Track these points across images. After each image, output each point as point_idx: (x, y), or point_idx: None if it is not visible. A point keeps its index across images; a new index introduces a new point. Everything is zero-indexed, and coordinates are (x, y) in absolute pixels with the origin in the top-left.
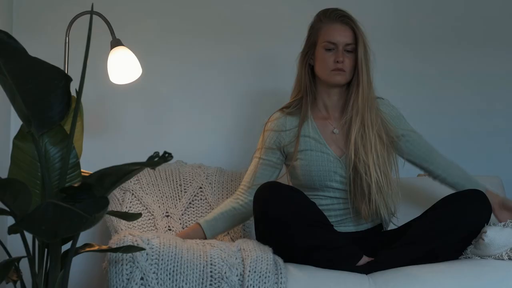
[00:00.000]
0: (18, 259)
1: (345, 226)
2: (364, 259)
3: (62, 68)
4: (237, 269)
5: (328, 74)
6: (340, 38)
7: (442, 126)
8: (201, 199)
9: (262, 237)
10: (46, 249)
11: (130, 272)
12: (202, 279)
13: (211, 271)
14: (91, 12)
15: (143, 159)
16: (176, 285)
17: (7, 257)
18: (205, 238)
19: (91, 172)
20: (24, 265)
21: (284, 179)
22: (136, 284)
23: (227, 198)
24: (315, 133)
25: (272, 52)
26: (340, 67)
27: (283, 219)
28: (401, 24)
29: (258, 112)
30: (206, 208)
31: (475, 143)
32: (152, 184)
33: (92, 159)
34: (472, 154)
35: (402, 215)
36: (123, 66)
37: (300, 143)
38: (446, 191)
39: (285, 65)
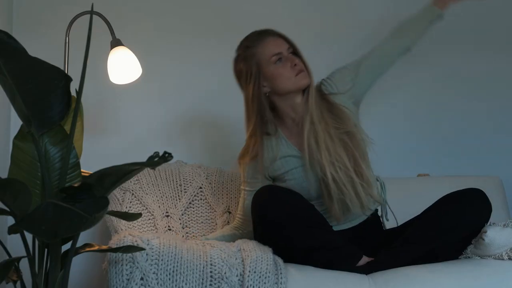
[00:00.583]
0: (18, 259)
1: (338, 225)
2: (364, 259)
3: (62, 68)
4: (237, 269)
5: (293, 81)
6: (280, 47)
7: (442, 126)
8: (201, 199)
9: (262, 240)
10: (46, 249)
11: (130, 272)
12: (202, 279)
13: (211, 271)
14: (91, 12)
15: (143, 159)
16: (176, 285)
17: (7, 257)
18: None
19: (91, 172)
20: (24, 265)
21: None
22: (136, 284)
23: (227, 198)
24: (292, 150)
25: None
26: (300, 69)
27: (282, 221)
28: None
29: None
30: (206, 208)
31: (475, 143)
32: (152, 184)
33: (92, 159)
34: (472, 154)
35: (402, 215)
36: (123, 66)
37: (283, 166)
38: (446, 191)
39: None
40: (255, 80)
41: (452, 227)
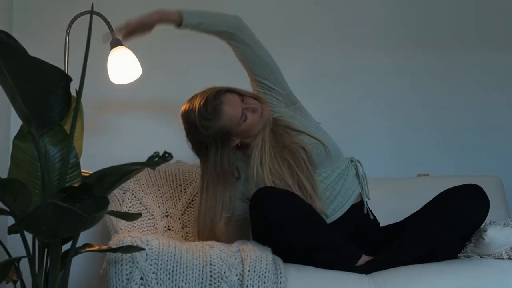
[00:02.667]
0: (18, 259)
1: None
2: (364, 259)
3: (62, 68)
4: (236, 269)
5: (262, 122)
6: (238, 105)
7: (441, 126)
8: None
9: (260, 240)
10: (46, 249)
11: (130, 272)
12: (202, 279)
13: (210, 271)
14: (91, 12)
15: (143, 159)
16: (175, 285)
17: (7, 257)
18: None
19: (91, 172)
20: (24, 265)
21: None
22: (136, 284)
23: None
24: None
25: (273, 53)
26: (260, 109)
27: (281, 222)
28: (402, 20)
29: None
30: None
31: (475, 142)
32: (152, 184)
33: (92, 159)
34: (472, 154)
35: (402, 215)
36: (123, 66)
37: (256, 184)
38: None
39: (286, 66)
40: (226, 146)
41: (451, 225)
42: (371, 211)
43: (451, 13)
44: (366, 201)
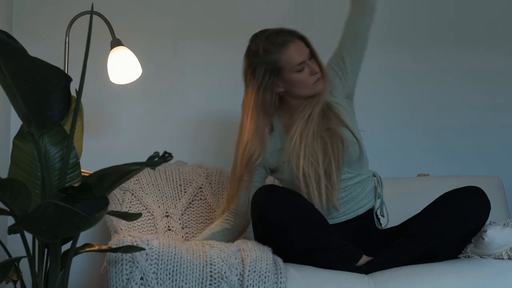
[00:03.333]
0: (18, 259)
1: (333, 218)
2: (364, 259)
3: (62, 68)
4: (236, 269)
5: (311, 88)
6: (303, 54)
7: (441, 126)
8: (201, 199)
9: (261, 239)
10: (46, 249)
11: (130, 272)
12: (202, 279)
13: (210, 271)
14: (91, 12)
15: (143, 159)
16: (176, 285)
17: (7, 257)
18: None
19: (91, 172)
20: (24, 265)
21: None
22: (136, 284)
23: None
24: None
25: None
26: (318, 76)
27: (283, 221)
28: (398, 21)
29: None
30: (206, 208)
31: (475, 143)
32: (152, 184)
33: (92, 159)
34: (472, 154)
35: (402, 215)
36: (123, 66)
37: (280, 157)
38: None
39: None
40: (272, 81)
41: (452, 225)
42: (380, 223)
43: (448, 15)
44: (376, 215)
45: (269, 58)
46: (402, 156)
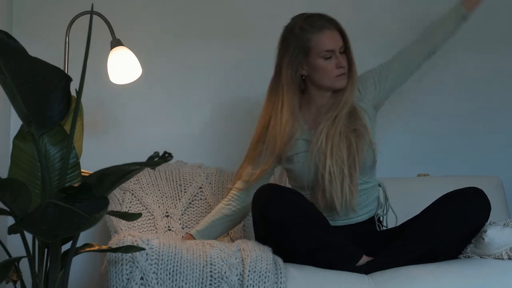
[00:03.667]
0: (18, 259)
1: (338, 220)
2: (364, 259)
3: (62, 68)
4: (236, 268)
5: (332, 80)
6: (335, 44)
7: (441, 126)
8: (201, 199)
9: (262, 239)
10: (46, 249)
11: (130, 272)
12: (202, 279)
13: (211, 271)
14: (91, 12)
15: (143, 159)
16: (176, 285)
17: (7, 257)
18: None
19: (91, 172)
20: (24, 265)
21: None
22: (136, 284)
23: None
24: (306, 133)
25: (273, 53)
26: (343, 72)
27: (284, 221)
28: (398, 23)
29: (259, 112)
30: (206, 208)
31: (475, 143)
32: (152, 184)
33: (92, 159)
34: (472, 154)
35: (402, 215)
36: (123, 66)
37: (296, 146)
38: (446, 191)
39: None
40: (298, 60)
41: (451, 227)
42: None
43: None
44: (378, 223)
45: (302, 36)
46: (402, 156)
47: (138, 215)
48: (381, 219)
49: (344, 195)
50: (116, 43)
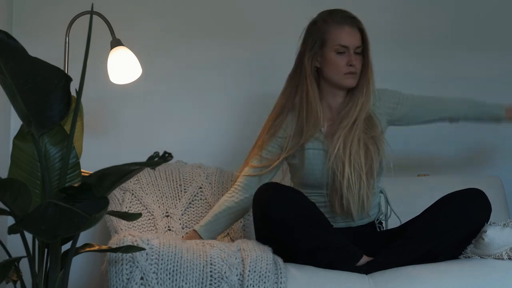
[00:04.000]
0: (18, 259)
1: (339, 222)
2: (364, 259)
3: (62, 68)
4: (237, 268)
5: (341, 77)
6: (352, 41)
7: (441, 126)
8: (201, 199)
9: (263, 238)
10: (46, 249)
11: (130, 272)
12: (202, 279)
13: (211, 271)
14: (91, 12)
15: (143, 159)
16: (176, 285)
17: (7, 257)
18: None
19: (91, 172)
20: (24, 265)
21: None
22: (136, 284)
23: None
24: (317, 132)
25: (273, 53)
26: (353, 71)
27: (285, 220)
28: (399, 24)
29: (258, 112)
30: (206, 208)
31: (475, 142)
32: (152, 184)
33: (92, 159)
34: (472, 154)
35: (402, 215)
36: (123, 66)
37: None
38: (446, 191)
39: (286, 66)
40: (314, 51)
41: (452, 227)
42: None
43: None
44: (378, 225)
45: (322, 28)
46: (402, 156)
47: (138, 215)
48: (381, 222)
49: (360, 201)
50: (116, 43)
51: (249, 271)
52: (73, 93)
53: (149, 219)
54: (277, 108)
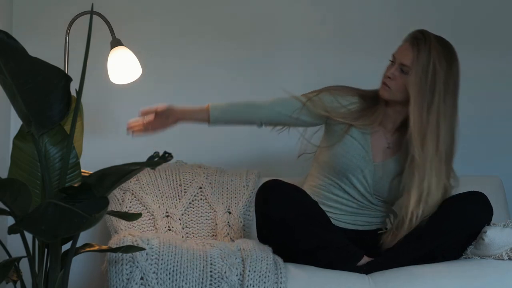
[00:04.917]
0: (18, 259)
1: (344, 222)
2: (365, 259)
3: (62, 68)
4: (237, 268)
5: (380, 84)
6: (399, 56)
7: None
8: (201, 199)
9: (263, 235)
10: (46, 249)
11: (130, 272)
12: (202, 279)
13: (211, 271)
14: (91, 12)
15: (143, 159)
16: (176, 285)
17: (7, 257)
18: (208, 119)
19: (91, 172)
20: (24, 265)
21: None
22: (136, 284)
23: (227, 198)
24: (361, 138)
25: (273, 53)
26: (387, 82)
27: (285, 219)
28: (399, 24)
29: None
30: (206, 208)
31: (475, 143)
32: (152, 184)
33: (92, 159)
34: (472, 154)
35: None
36: (123, 66)
37: (352, 136)
38: None
39: (285, 66)
40: None
41: (452, 229)
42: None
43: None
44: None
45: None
46: None
47: (138, 215)
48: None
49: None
50: (116, 43)
51: (249, 271)
52: (73, 93)
53: (149, 219)
54: (350, 89)
